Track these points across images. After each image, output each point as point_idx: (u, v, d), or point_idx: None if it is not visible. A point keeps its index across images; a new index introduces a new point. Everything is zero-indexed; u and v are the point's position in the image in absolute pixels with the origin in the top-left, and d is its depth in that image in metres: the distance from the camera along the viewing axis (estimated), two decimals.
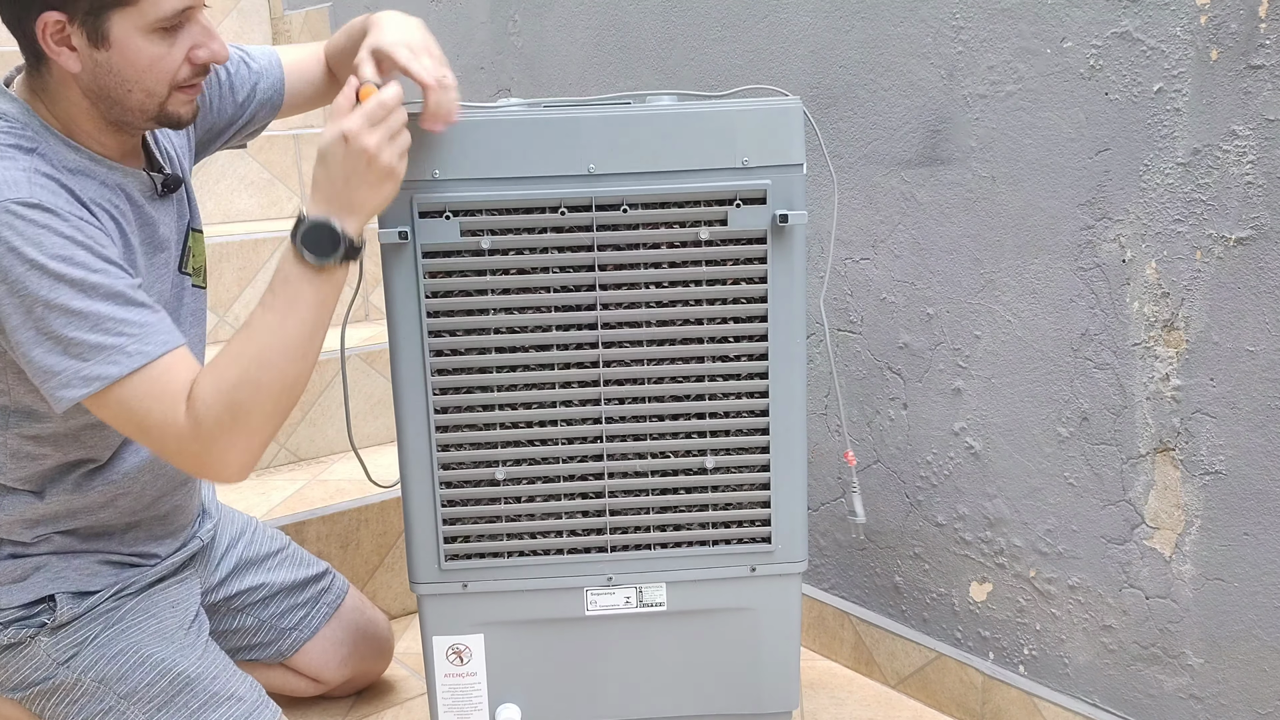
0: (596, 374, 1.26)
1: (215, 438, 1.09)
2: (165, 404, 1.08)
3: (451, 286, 1.23)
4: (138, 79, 1.11)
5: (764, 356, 1.27)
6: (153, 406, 1.08)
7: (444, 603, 1.32)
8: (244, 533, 1.54)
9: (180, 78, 1.14)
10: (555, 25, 2.09)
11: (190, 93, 1.16)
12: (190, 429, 1.08)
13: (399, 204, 1.21)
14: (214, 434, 1.09)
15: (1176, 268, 1.24)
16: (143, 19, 1.08)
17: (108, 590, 1.30)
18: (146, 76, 1.11)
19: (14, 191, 1.05)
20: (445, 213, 1.22)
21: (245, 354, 1.10)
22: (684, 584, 1.33)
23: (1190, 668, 1.30)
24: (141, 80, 1.11)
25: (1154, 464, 1.30)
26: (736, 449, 1.30)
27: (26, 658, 1.27)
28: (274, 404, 1.11)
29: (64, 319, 1.05)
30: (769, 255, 1.24)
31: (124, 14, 1.07)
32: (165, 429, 1.08)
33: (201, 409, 1.08)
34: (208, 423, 1.08)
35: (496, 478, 1.28)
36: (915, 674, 1.61)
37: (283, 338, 1.11)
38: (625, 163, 1.22)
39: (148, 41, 1.09)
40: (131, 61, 1.10)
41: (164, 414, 1.08)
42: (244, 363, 1.09)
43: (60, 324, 1.05)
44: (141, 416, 1.08)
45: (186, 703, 1.28)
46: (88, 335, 1.05)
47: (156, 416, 1.08)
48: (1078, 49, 1.29)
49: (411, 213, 1.21)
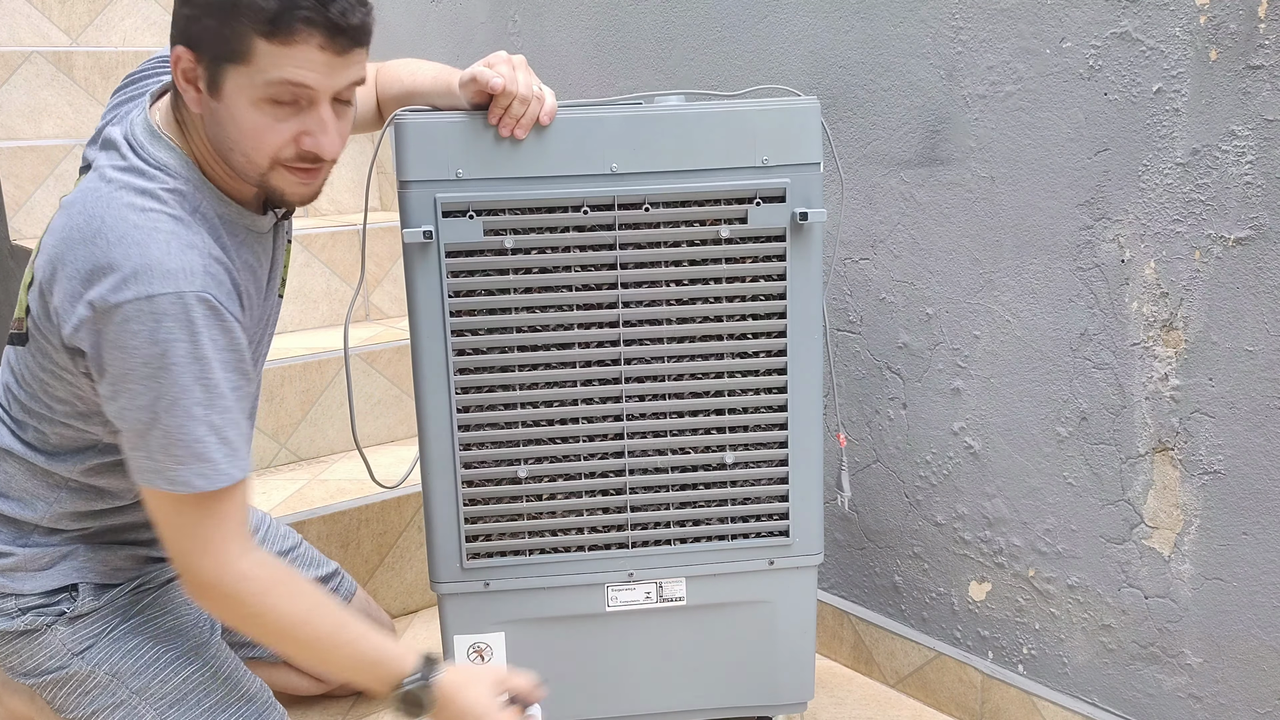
0: (617, 371, 1.27)
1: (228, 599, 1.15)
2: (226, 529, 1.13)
3: (474, 285, 1.24)
4: (238, 140, 1.10)
5: (783, 353, 1.28)
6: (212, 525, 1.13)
7: (465, 602, 1.33)
8: (258, 530, 1.54)
9: (283, 156, 1.11)
10: (555, 25, 2.09)
11: (299, 175, 1.13)
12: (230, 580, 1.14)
13: (423, 203, 1.22)
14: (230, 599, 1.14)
15: (1175, 268, 1.24)
16: (251, 84, 1.06)
17: (128, 585, 1.31)
18: (246, 141, 1.10)
19: (191, 283, 1.07)
20: (469, 212, 1.22)
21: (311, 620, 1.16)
22: (703, 578, 1.34)
23: (1189, 667, 1.30)
24: (242, 143, 1.10)
25: (1153, 464, 1.30)
26: (755, 444, 1.31)
27: (42, 645, 1.27)
28: (271, 640, 1.18)
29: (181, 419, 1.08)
30: (788, 253, 1.26)
31: (238, 71, 1.06)
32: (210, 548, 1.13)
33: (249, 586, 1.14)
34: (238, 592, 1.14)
35: (519, 475, 1.28)
36: (914, 673, 1.61)
37: (328, 649, 1.17)
38: (647, 162, 1.23)
39: (254, 109, 1.08)
40: (236, 121, 1.09)
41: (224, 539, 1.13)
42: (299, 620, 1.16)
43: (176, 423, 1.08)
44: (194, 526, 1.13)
45: (198, 701, 1.28)
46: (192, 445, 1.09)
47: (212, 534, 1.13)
48: (1077, 49, 1.29)
49: (435, 212, 1.22)
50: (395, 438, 2.19)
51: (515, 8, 2.20)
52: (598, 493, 1.30)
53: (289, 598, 1.16)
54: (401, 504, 1.88)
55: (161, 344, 1.06)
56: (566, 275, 1.25)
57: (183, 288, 1.06)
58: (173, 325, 1.06)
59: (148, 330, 1.06)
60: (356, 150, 2.77)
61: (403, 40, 2.56)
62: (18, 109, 2.50)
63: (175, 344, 1.06)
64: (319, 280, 2.35)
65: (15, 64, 2.51)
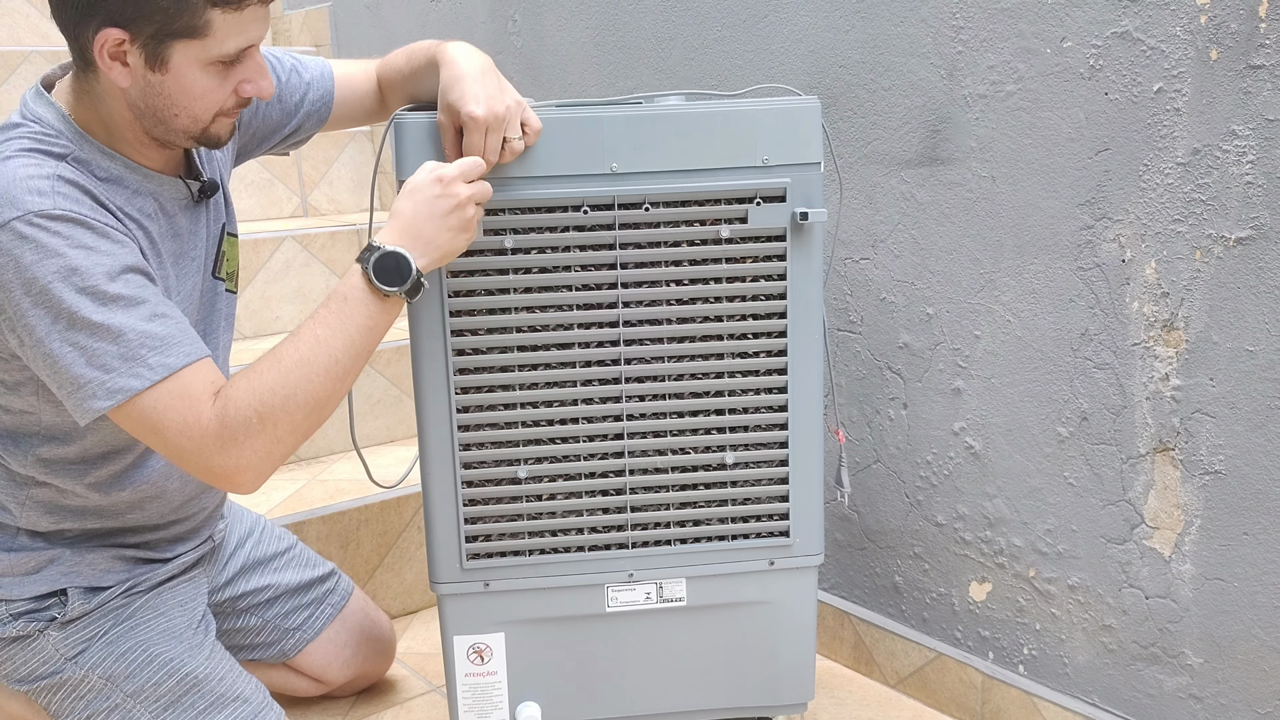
0: (618, 371, 1.27)
1: (238, 439, 1.08)
2: (185, 406, 1.07)
3: (474, 286, 1.24)
4: (186, 105, 1.12)
5: (783, 353, 1.28)
6: (172, 413, 1.07)
7: (465, 602, 1.32)
8: (252, 532, 1.54)
9: (225, 107, 1.15)
10: (555, 25, 2.09)
11: (232, 117, 1.18)
12: (215, 427, 1.07)
13: None
14: (237, 435, 1.08)
15: (1176, 268, 1.24)
16: (205, 53, 1.09)
17: (119, 587, 1.30)
18: (195, 104, 1.13)
19: (38, 202, 1.05)
20: None
21: (286, 361, 1.10)
22: (703, 579, 1.34)
23: (1190, 667, 1.30)
24: (190, 107, 1.13)
25: (1154, 464, 1.30)
26: (756, 444, 1.31)
27: (34, 651, 1.27)
28: (304, 416, 1.10)
29: (87, 331, 1.05)
30: (788, 253, 1.26)
31: (188, 45, 1.08)
32: (186, 430, 1.07)
33: (231, 408, 1.07)
34: (234, 423, 1.07)
35: (519, 476, 1.28)
36: (915, 674, 1.61)
37: (328, 353, 1.11)
38: (647, 162, 1.23)
39: (204, 73, 1.11)
40: (185, 89, 1.11)
41: (184, 416, 1.07)
42: (283, 369, 1.09)
43: (84, 336, 1.05)
44: (160, 423, 1.07)
45: (193, 703, 1.28)
46: (110, 347, 1.05)
47: (175, 420, 1.07)
48: (1078, 49, 1.29)
49: None
50: (395, 438, 2.19)
51: (515, 7, 2.20)
52: (598, 493, 1.30)
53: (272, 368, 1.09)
54: (401, 504, 1.87)
55: (28, 268, 1.04)
56: (566, 275, 1.25)
57: (30, 208, 1.04)
58: (33, 247, 1.04)
59: (11, 260, 1.04)
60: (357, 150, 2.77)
61: (403, 40, 2.55)
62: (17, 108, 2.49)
63: (42, 263, 1.04)
64: (319, 280, 2.35)
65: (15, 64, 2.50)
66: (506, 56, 2.24)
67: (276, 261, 2.29)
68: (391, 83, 1.37)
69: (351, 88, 1.41)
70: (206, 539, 1.43)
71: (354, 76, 1.42)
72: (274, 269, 2.29)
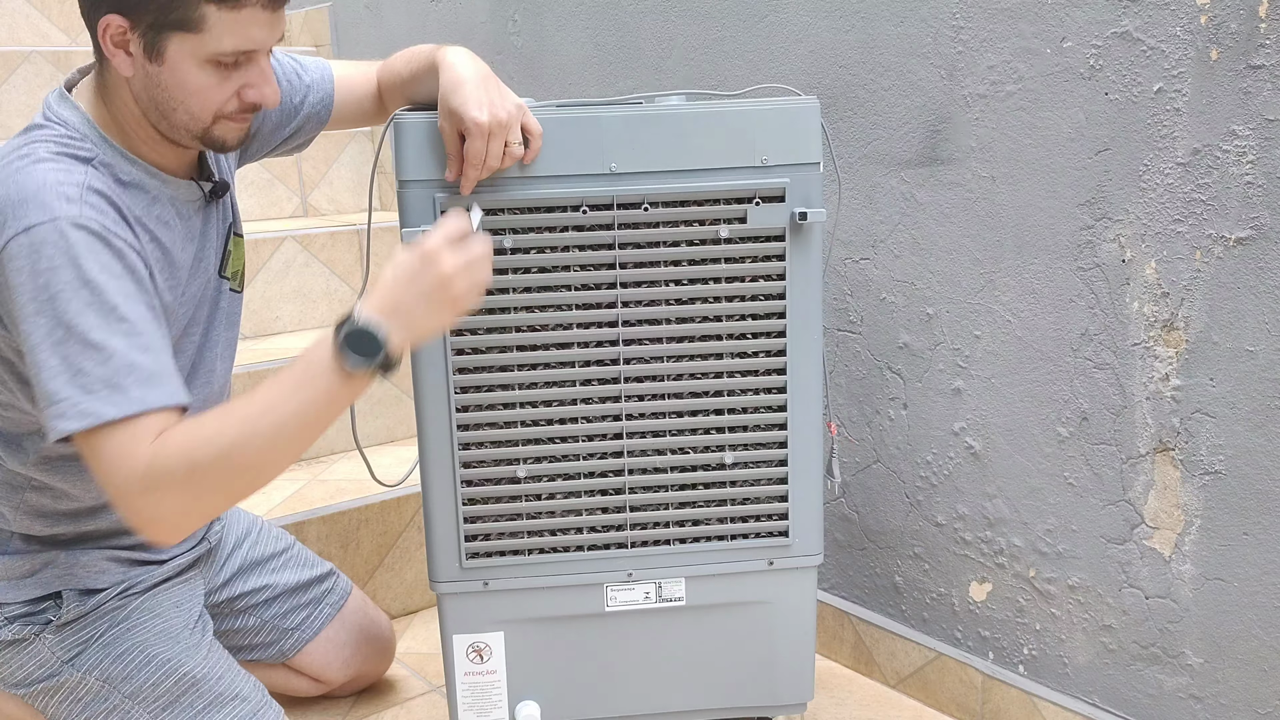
0: (617, 371, 1.27)
1: (160, 487, 1.01)
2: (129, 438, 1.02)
3: None
4: (183, 100, 1.12)
5: (782, 353, 1.28)
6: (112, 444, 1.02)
7: (464, 601, 1.32)
8: (249, 533, 1.54)
9: (226, 110, 1.14)
10: (555, 25, 2.09)
11: (238, 123, 1.17)
12: (142, 469, 1.01)
13: (422, 203, 1.22)
14: (160, 483, 1.01)
15: (1176, 268, 1.24)
16: (201, 49, 1.09)
17: (114, 589, 1.30)
18: (192, 100, 1.12)
19: (66, 209, 1.05)
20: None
21: (231, 417, 1.03)
22: (702, 578, 1.34)
23: (1190, 667, 1.30)
24: (186, 103, 1.12)
25: (1154, 464, 1.30)
26: (755, 444, 1.31)
27: (31, 655, 1.27)
28: (234, 478, 1.03)
29: (80, 347, 1.02)
30: (787, 253, 1.26)
31: (184, 38, 1.08)
32: (117, 464, 1.01)
33: (163, 454, 1.01)
34: (160, 470, 1.01)
35: (518, 475, 1.28)
36: (915, 674, 1.61)
37: (276, 418, 1.03)
38: (646, 161, 1.23)
39: (200, 70, 1.10)
40: (181, 83, 1.11)
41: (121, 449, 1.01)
42: (224, 424, 1.03)
43: (76, 351, 1.02)
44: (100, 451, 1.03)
45: (191, 703, 1.28)
46: (98, 369, 1.02)
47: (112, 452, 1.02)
48: (1078, 49, 1.29)
49: (434, 212, 1.22)
50: (395, 438, 2.19)
51: (515, 8, 2.20)
52: (597, 493, 1.30)
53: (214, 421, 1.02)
54: (401, 504, 1.87)
55: (43, 274, 1.03)
56: (565, 275, 1.25)
57: (57, 214, 1.04)
58: (52, 253, 1.03)
59: (29, 263, 1.03)
60: (357, 150, 2.77)
61: (403, 40, 2.56)
62: (17, 108, 2.50)
63: (57, 271, 1.03)
64: (319, 280, 2.35)
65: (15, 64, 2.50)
66: (506, 57, 2.24)
67: (276, 262, 2.29)
68: (391, 86, 1.37)
69: (351, 90, 1.41)
70: (202, 540, 1.43)
71: (353, 79, 1.42)
72: (274, 269, 2.29)
